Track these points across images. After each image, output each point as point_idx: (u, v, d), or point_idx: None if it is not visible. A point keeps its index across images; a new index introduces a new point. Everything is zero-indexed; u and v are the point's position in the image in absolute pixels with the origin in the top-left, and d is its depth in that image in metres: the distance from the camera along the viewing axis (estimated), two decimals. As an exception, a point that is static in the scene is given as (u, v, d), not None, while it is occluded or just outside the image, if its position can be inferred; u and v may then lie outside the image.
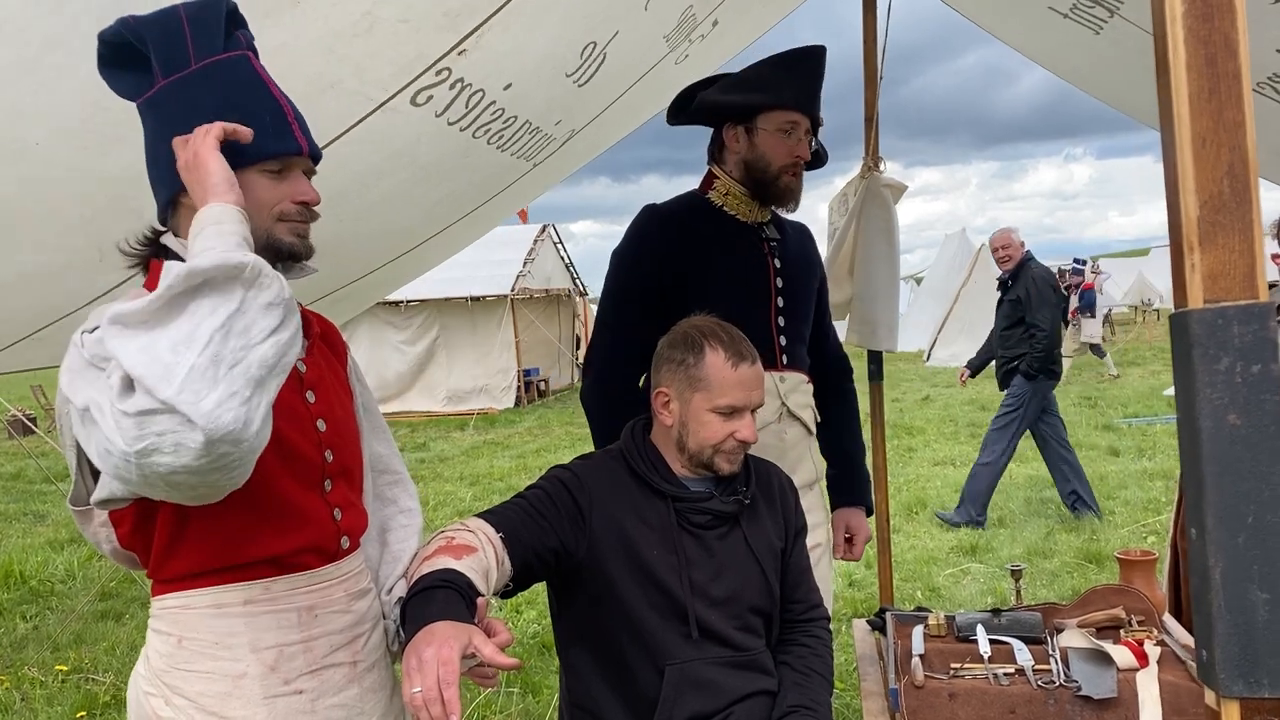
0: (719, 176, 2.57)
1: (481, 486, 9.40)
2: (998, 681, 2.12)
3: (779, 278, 2.56)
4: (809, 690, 1.97)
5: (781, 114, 2.46)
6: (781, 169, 2.48)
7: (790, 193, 2.53)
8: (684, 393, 1.94)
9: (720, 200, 2.56)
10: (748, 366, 1.93)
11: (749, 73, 2.52)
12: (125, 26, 1.36)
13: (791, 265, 2.61)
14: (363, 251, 3.50)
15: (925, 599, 5.32)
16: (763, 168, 2.48)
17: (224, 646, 1.46)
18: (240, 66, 1.42)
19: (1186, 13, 0.94)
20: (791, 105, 2.46)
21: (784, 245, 2.61)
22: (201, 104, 1.37)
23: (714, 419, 1.92)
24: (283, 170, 1.46)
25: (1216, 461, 0.93)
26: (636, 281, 2.50)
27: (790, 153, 2.47)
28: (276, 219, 1.46)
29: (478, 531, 1.75)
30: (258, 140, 1.40)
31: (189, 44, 1.37)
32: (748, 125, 2.49)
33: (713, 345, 1.93)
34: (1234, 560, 0.92)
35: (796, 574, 2.10)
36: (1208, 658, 0.96)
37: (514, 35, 2.34)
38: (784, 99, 2.45)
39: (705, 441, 1.93)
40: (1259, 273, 0.93)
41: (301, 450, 1.51)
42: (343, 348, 1.75)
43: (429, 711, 1.31)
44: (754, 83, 2.49)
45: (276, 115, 1.43)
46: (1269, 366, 0.92)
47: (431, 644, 1.37)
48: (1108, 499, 7.38)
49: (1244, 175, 0.93)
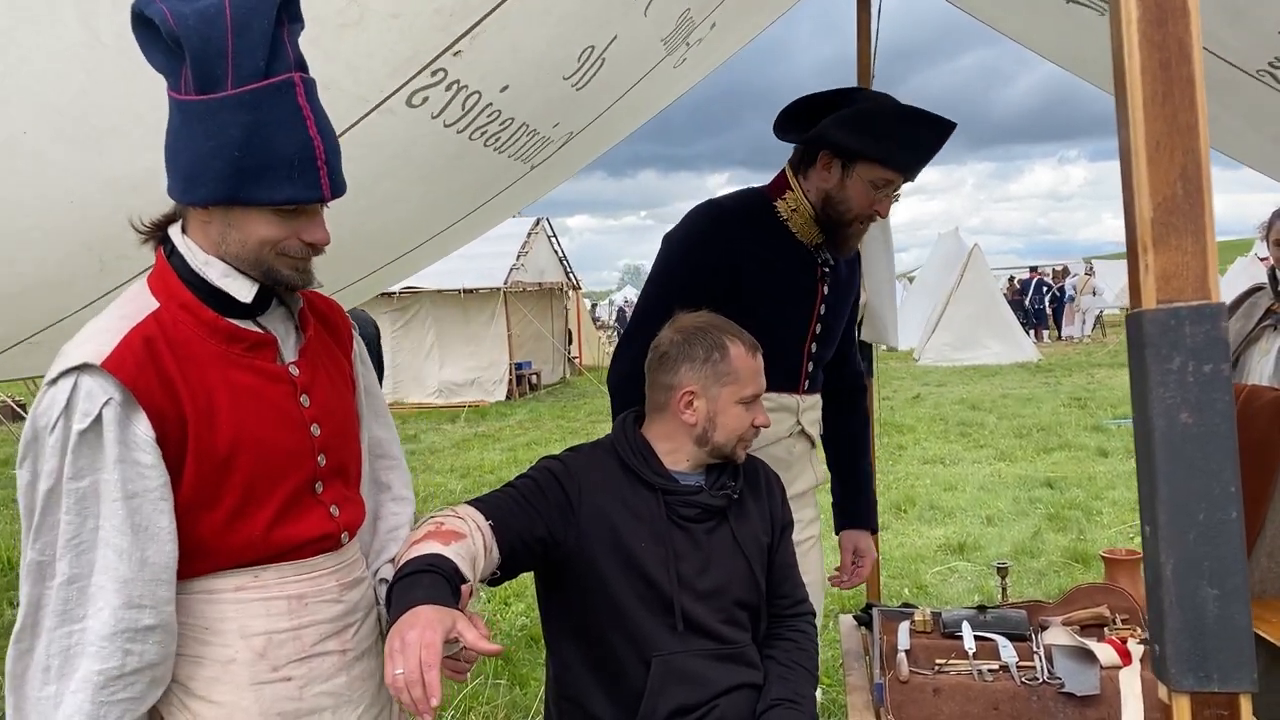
0: (793, 190, 2.45)
1: (472, 479, 9.40)
2: (982, 678, 2.14)
3: (823, 306, 2.49)
4: (793, 683, 1.99)
5: (884, 171, 2.34)
6: (857, 218, 2.39)
7: (855, 241, 2.47)
8: (711, 388, 1.96)
9: (786, 214, 2.45)
10: (758, 354, 2.01)
11: (872, 113, 2.35)
12: (163, 24, 1.28)
13: (837, 295, 2.54)
14: (360, 254, 3.49)
15: (912, 596, 5.35)
16: (842, 210, 2.38)
17: (213, 632, 1.48)
18: (281, 96, 1.34)
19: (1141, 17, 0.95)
20: (899, 169, 2.35)
21: (836, 273, 2.53)
22: (228, 134, 1.31)
23: (740, 410, 1.97)
24: (296, 210, 1.42)
25: (1168, 459, 0.94)
26: (685, 274, 2.40)
27: (872, 205, 2.37)
28: (278, 254, 1.44)
29: (467, 518, 1.76)
30: (277, 185, 1.35)
31: (229, 64, 1.30)
32: (846, 162, 2.35)
33: (732, 339, 1.98)
34: (1185, 557, 0.94)
35: (783, 569, 2.12)
36: (1160, 652, 0.98)
37: (510, 37, 2.33)
38: (895, 161, 2.33)
39: (734, 432, 1.98)
40: (1211, 274, 0.94)
41: (294, 458, 1.52)
42: (346, 331, 1.73)
43: (410, 693, 1.33)
44: (874, 129, 2.32)
45: (304, 157, 1.36)
46: (1220, 366, 0.93)
47: (415, 627, 1.39)
48: (1095, 499, 7.43)
49: (1197, 178, 0.94)
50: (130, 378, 1.35)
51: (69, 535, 1.33)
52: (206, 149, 1.32)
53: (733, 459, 2.02)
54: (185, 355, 1.41)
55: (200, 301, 1.44)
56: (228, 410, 1.44)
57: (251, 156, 1.33)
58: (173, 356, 1.40)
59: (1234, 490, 0.93)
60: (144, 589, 1.37)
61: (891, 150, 2.31)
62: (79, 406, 1.33)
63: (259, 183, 1.34)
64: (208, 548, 1.46)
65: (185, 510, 1.42)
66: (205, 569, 1.47)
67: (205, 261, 1.44)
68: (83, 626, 1.34)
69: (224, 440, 1.43)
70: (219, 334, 1.45)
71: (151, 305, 1.43)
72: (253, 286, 1.46)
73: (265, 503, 1.48)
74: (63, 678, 1.33)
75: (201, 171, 1.34)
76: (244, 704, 1.48)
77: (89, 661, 1.33)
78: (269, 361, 1.51)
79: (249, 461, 1.45)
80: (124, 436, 1.35)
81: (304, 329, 1.59)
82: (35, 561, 1.34)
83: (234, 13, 1.29)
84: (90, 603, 1.34)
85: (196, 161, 1.34)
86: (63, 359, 1.36)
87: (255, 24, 1.31)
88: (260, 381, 1.49)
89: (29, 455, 1.35)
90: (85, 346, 1.36)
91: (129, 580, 1.35)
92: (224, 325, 1.46)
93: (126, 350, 1.36)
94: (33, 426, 1.35)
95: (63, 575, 1.33)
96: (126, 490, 1.35)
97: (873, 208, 2.37)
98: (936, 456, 9.57)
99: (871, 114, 2.35)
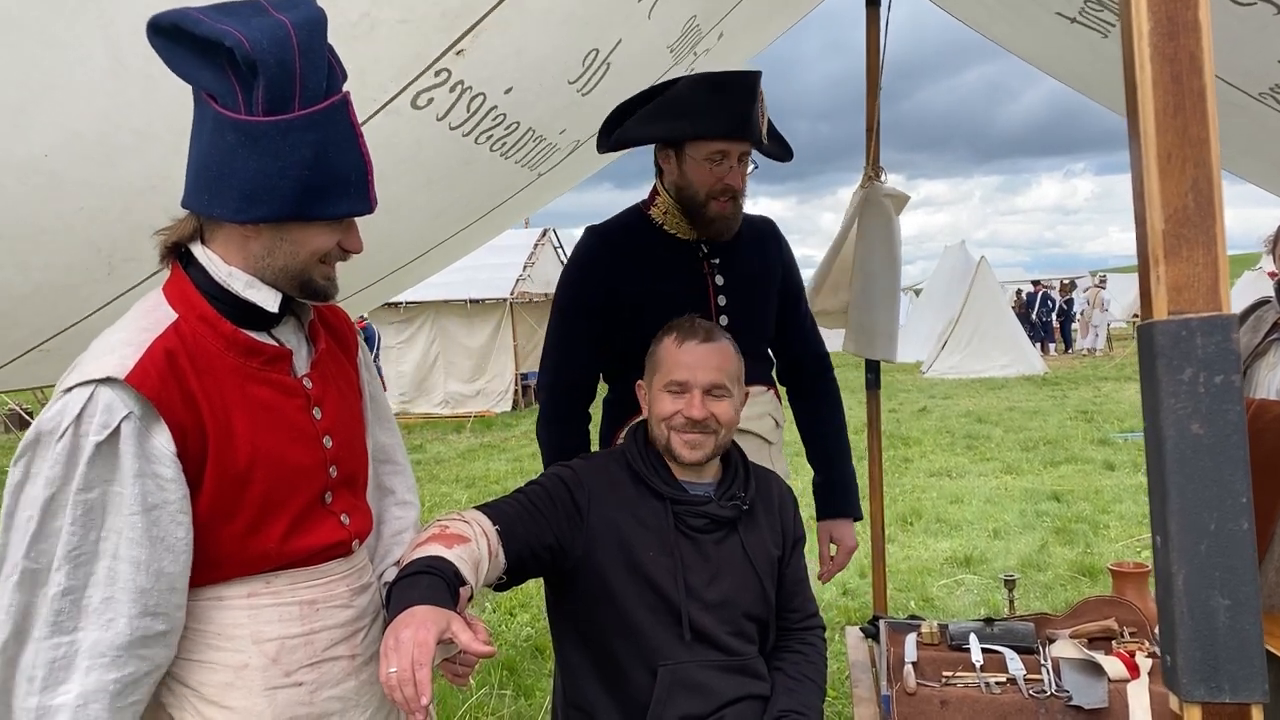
0: (660, 194, 2.50)
1: (477, 489, 9.40)
2: (989, 690, 2.13)
3: (720, 295, 2.49)
4: (801, 695, 1.99)
5: (708, 144, 2.32)
6: (709, 196, 2.37)
7: (722, 220, 2.41)
8: (650, 379, 2.04)
9: (660, 218, 2.49)
10: (694, 344, 1.99)
11: (675, 95, 2.37)
12: (238, 48, 1.28)
13: (738, 280, 2.52)
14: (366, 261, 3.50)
15: (919, 608, 5.34)
16: (691, 195, 2.39)
17: (226, 638, 1.48)
18: (338, 116, 1.38)
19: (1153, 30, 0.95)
20: (719, 135, 2.32)
21: (730, 260, 2.51)
22: (299, 153, 1.34)
23: (666, 397, 1.99)
24: (346, 221, 1.48)
25: (1179, 470, 0.94)
26: (578, 303, 2.49)
27: (719, 180, 2.35)
28: (319, 260, 1.48)
29: (472, 522, 1.77)
30: (341, 200, 1.40)
31: (298, 86, 1.32)
32: (676, 151, 2.39)
33: (668, 330, 2.04)
34: (1196, 567, 0.94)
35: (793, 584, 2.11)
36: (1171, 663, 0.98)
37: (513, 37, 2.34)
38: (710, 128, 2.31)
39: (659, 417, 1.99)
40: (1223, 285, 0.94)
41: (308, 471, 1.53)
42: (352, 339, 1.75)
43: (401, 692, 1.34)
44: (679, 108, 2.34)
45: (359, 173, 1.41)
46: (1231, 377, 0.93)
47: (409, 626, 1.40)
48: (1102, 512, 7.40)
49: (1208, 190, 0.94)
50: (154, 392, 1.35)
51: (70, 546, 1.32)
52: (274, 169, 1.34)
53: (672, 453, 1.99)
54: (205, 368, 1.42)
55: (219, 314, 1.45)
56: (245, 424, 1.44)
57: (318, 174, 1.36)
58: (194, 370, 1.41)
59: (1245, 501, 0.93)
60: (159, 598, 1.37)
61: (706, 119, 2.30)
62: (96, 418, 1.32)
63: (325, 199, 1.38)
64: (223, 558, 1.46)
65: (203, 523, 1.42)
66: (219, 578, 1.48)
67: (229, 273, 1.45)
68: (72, 639, 1.32)
69: (242, 455, 1.43)
70: (237, 347, 1.46)
71: (171, 316, 1.43)
72: (276, 297, 1.48)
73: (280, 515, 1.49)
74: (46, 689, 1.31)
75: (266, 191, 1.35)
76: (258, 709, 1.48)
77: (101, 671, 1.32)
78: (284, 375, 1.52)
79: (266, 475, 1.46)
80: (143, 450, 1.35)
81: (315, 341, 1.61)
82: (27, 569, 1.31)
83: (298, 34, 1.31)
84: (88, 615, 1.33)
85: (260, 181, 1.34)
86: (80, 370, 1.35)
87: (314, 46, 1.34)
88: (276, 395, 1.50)
89: (25, 455, 1.33)
90: (107, 359, 1.35)
91: (146, 590, 1.35)
92: (242, 339, 1.47)
93: (150, 363, 1.36)
94: (37, 429, 1.34)
95: (58, 586, 1.31)
96: (146, 503, 1.35)
97: (722, 181, 2.35)
98: (943, 469, 9.55)
99: (668, 99, 2.37)
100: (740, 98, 2.32)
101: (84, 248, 2.26)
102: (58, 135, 1.85)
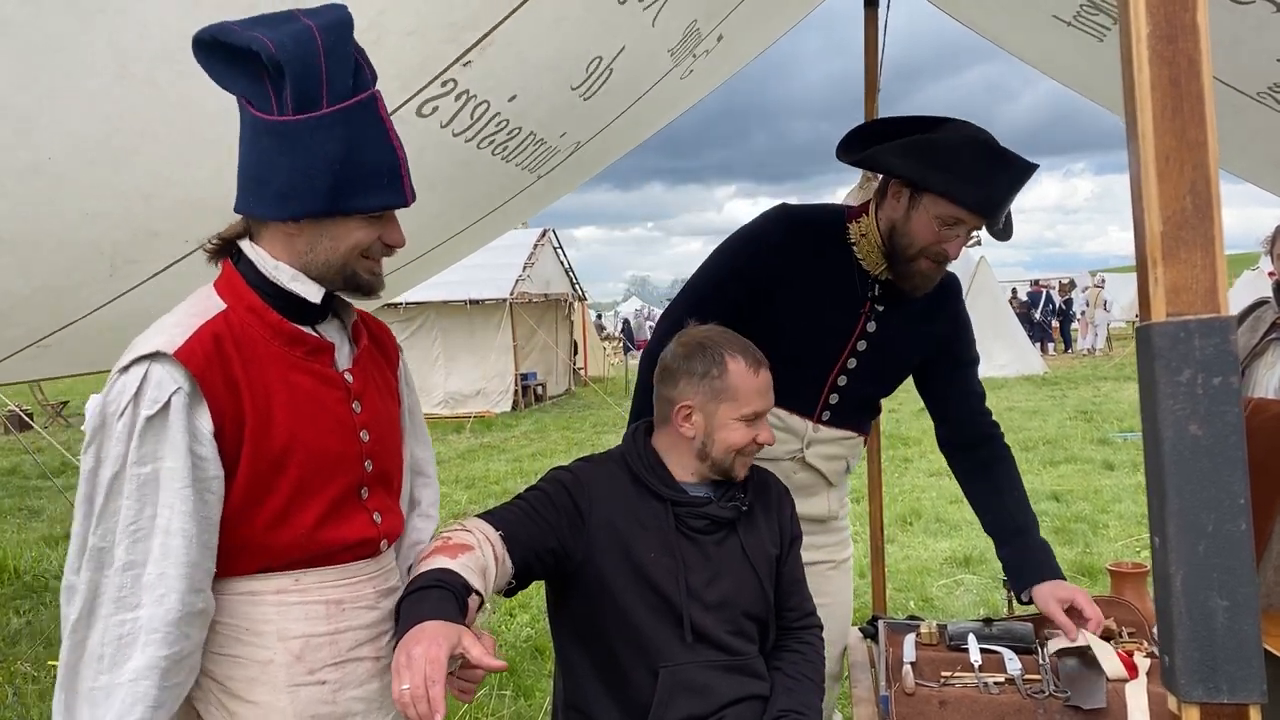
0: (868, 215, 2.32)
1: (477, 490, 9.41)
2: (988, 690, 2.14)
3: (862, 341, 2.37)
4: (800, 695, 1.99)
5: (951, 207, 2.15)
6: (921, 253, 2.21)
7: (922, 278, 2.26)
8: (708, 405, 1.96)
9: (855, 237, 2.34)
10: (766, 372, 1.99)
11: (946, 142, 2.17)
12: (264, 51, 1.34)
13: (889, 333, 2.38)
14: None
15: (918, 608, 5.35)
16: (905, 244, 2.22)
17: (254, 633, 1.51)
18: (368, 111, 1.42)
19: (1151, 34, 0.96)
20: (966, 206, 2.14)
21: (894, 312, 2.37)
22: (328, 150, 1.39)
23: (739, 426, 1.96)
24: (383, 215, 1.51)
25: (1178, 471, 0.95)
26: (736, 269, 2.37)
27: (939, 242, 2.19)
28: (361, 255, 1.52)
29: (475, 531, 1.78)
30: (373, 193, 1.44)
31: (324, 83, 1.38)
32: (913, 193, 2.20)
33: (732, 354, 1.96)
34: (1195, 568, 0.94)
35: (790, 583, 2.12)
36: (1169, 663, 0.98)
37: (519, 48, 2.36)
38: (965, 197, 2.13)
39: (732, 447, 1.96)
40: (1221, 287, 0.95)
41: (344, 462, 1.56)
42: (395, 352, 1.79)
43: (415, 709, 1.34)
44: (944, 159, 2.14)
45: (391, 166, 1.45)
46: (1229, 379, 0.94)
47: (420, 642, 1.40)
48: (1102, 512, 7.41)
49: (1206, 192, 0.95)
50: (200, 370, 1.40)
51: (128, 521, 1.36)
52: (306, 166, 1.39)
53: (732, 474, 2.00)
54: (250, 355, 1.47)
55: (266, 305, 1.50)
56: (284, 411, 1.48)
57: (349, 169, 1.40)
58: (239, 355, 1.45)
59: (1243, 502, 0.94)
60: (203, 576, 1.41)
61: (965, 186, 2.12)
62: (148, 393, 1.37)
63: (356, 193, 1.43)
64: (255, 545, 1.49)
65: (236, 507, 1.45)
66: (250, 568, 1.50)
67: (275, 266, 1.50)
68: (135, 616, 1.36)
69: (279, 440, 1.47)
70: (282, 336, 1.51)
71: (220, 306, 1.49)
72: (320, 290, 1.53)
73: (313, 503, 1.52)
74: (115, 667, 1.35)
75: (300, 187, 1.40)
76: (280, 705, 1.50)
77: (155, 648, 1.35)
78: (326, 366, 1.57)
79: (301, 462, 1.50)
80: (190, 426, 1.39)
81: (357, 340, 1.66)
82: (96, 548, 1.36)
83: (322, 36, 1.37)
84: (145, 590, 1.36)
85: (294, 178, 1.40)
86: (133, 349, 1.41)
87: (339, 46, 1.39)
88: (317, 385, 1.54)
89: (95, 441, 1.38)
90: (157, 338, 1.41)
91: (195, 565, 1.39)
92: (288, 328, 1.52)
93: (197, 344, 1.41)
94: (101, 413, 1.38)
95: (120, 561, 1.36)
96: (195, 476, 1.40)
97: (940, 245, 2.20)
98: (943, 469, 9.51)
99: (938, 143, 2.17)
100: (1010, 181, 2.17)
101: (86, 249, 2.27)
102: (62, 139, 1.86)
